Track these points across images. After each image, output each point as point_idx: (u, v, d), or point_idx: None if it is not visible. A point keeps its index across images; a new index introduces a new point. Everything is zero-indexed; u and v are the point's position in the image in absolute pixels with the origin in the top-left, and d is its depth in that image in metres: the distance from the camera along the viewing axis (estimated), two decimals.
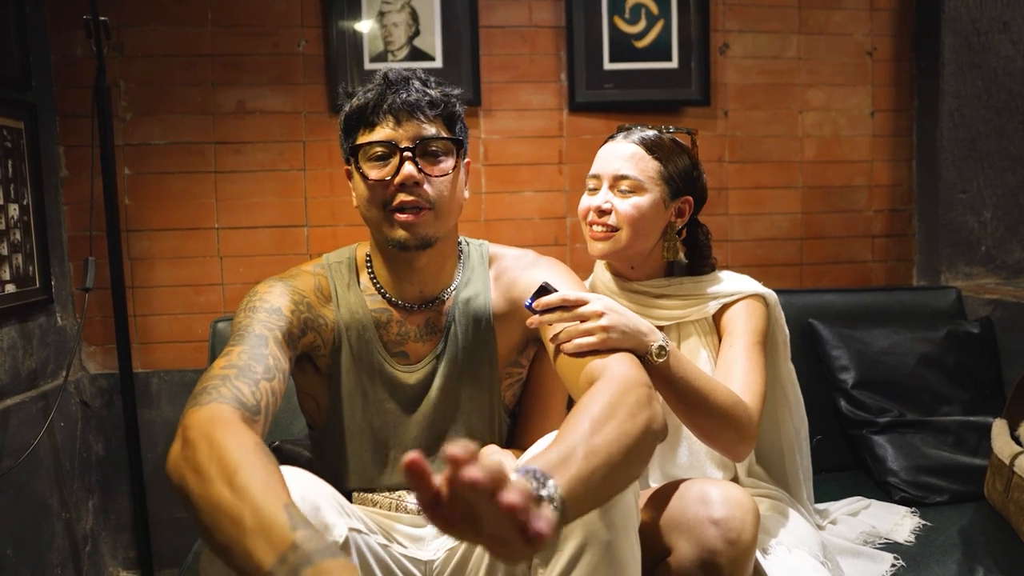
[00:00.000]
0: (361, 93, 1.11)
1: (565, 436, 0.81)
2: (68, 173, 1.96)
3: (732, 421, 1.13)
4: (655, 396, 0.95)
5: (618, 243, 1.29)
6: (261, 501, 0.74)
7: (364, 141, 1.09)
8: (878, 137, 2.25)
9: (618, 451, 0.83)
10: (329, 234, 2.07)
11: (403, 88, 1.09)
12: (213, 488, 0.77)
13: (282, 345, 1.04)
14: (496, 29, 2.09)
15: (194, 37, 1.99)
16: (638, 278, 1.35)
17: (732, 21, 2.16)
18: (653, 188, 1.29)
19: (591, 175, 1.34)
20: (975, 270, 2.16)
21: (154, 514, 1.85)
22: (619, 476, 0.84)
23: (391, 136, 1.08)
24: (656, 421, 0.91)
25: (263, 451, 0.82)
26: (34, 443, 1.65)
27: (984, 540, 1.44)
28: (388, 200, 1.08)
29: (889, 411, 1.73)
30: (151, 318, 2.02)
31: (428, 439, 1.17)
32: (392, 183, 1.07)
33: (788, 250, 2.24)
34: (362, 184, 1.10)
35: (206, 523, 0.77)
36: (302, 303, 1.13)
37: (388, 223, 1.09)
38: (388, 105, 1.07)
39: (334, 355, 1.15)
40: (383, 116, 1.08)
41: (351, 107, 1.11)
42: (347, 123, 1.13)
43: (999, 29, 2.10)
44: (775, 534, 1.22)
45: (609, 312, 1.05)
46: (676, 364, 1.10)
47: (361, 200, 1.12)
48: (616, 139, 1.33)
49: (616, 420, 0.85)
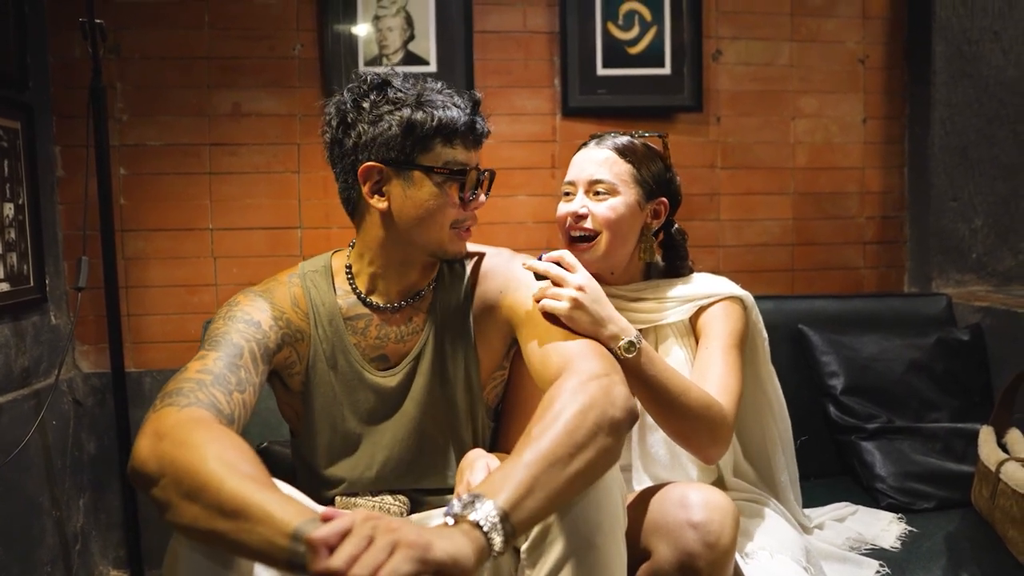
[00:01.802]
0: (444, 106, 1.08)
1: (517, 445, 0.86)
2: (64, 173, 1.98)
3: (706, 422, 1.13)
4: (615, 385, 0.95)
5: (597, 250, 1.30)
6: (268, 487, 0.78)
7: (451, 159, 1.10)
8: (870, 144, 2.26)
9: (563, 449, 0.85)
10: (322, 236, 2.08)
11: (480, 115, 1.13)
12: (209, 469, 0.79)
13: (256, 359, 1.05)
14: (490, 34, 2.10)
15: (190, 40, 2.00)
16: (616, 283, 1.36)
17: (725, 28, 2.17)
18: (627, 191, 1.31)
19: (566, 182, 1.35)
20: (966, 277, 2.17)
21: (144, 513, 1.86)
22: (570, 474, 0.85)
23: (474, 160, 1.13)
24: (613, 408, 0.91)
25: (252, 450, 0.84)
26: (25, 441, 1.65)
27: (970, 547, 1.45)
28: (459, 219, 1.13)
29: (878, 417, 1.73)
30: (144, 318, 2.03)
31: (412, 439, 1.17)
32: (469, 204, 1.13)
33: (779, 256, 2.25)
34: (438, 199, 1.10)
35: (197, 511, 0.78)
36: (281, 319, 1.13)
37: (451, 239, 1.13)
38: (479, 131, 1.12)
39: (309, 369, 1.16)
40: (473, 139, 1.12)
41: (434, 118, 1.07)
42: (423, 131, 1.08)
43: (990, 38, 2.12)
44: (757, 539, 1.22)
45: (587, 291, 1.08)
46: (648, 362, 1.11)
47: (424, 212, 1.10)
48: (589, 146, 1.35)
49: (560, 421, 0.87)
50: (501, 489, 0.80)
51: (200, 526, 0.79)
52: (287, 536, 0.73)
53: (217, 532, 0.77)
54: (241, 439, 0.86)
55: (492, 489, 0.80)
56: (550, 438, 0.85)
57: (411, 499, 1.18)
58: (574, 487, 0.87)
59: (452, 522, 0.77)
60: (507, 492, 0.80)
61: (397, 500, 1.16)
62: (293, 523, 0.73)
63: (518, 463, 0.83)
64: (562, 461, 0.84)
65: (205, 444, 0.82)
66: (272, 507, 0.75)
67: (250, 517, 0.75)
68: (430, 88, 1.11)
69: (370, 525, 0.71)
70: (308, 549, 0.70)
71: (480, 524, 0.76)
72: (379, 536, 0.70)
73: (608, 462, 0.92)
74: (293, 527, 0.73)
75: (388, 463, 1.16)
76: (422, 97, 1.09)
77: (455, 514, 0.77)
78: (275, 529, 0.74)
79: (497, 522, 0.77)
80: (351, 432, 1.17)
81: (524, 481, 0.81)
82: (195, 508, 0.79)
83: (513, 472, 0.82)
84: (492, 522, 0.77)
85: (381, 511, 1.15)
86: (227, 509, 0.76)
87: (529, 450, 0.84)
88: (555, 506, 0.86)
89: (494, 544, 0.76)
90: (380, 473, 1.16)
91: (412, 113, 1.07)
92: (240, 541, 0.76)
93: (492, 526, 0.77)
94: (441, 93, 1.11)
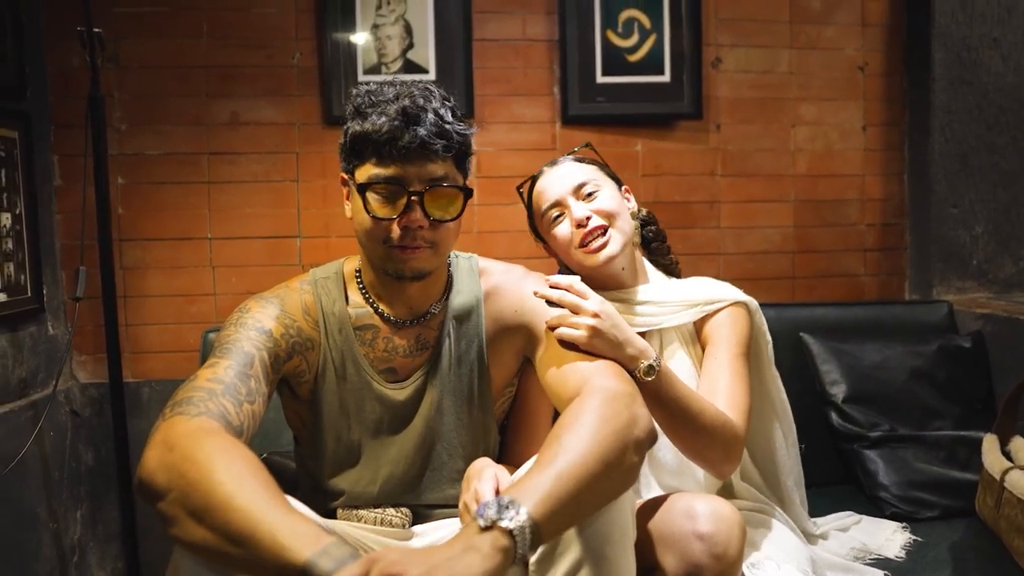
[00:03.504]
0: (374, 115, 1.02)
1: (541, 457, 0.85)
2: (62, 182, 1.97)
3: (720, 441, 1.13)
4: (636, 403, 0.95)
5: (616, 243, 1.29)
6: (278, 506, 0.75)
7: (372, 175, 1.03)
8: (870, 151, 2.26)
9: (594, 465, 0.84)
10: (322, 245, 2.07)
11: (419, 124, 1.01)
12: (218, 487, 0.77)
13: (267, 368, 1.04)
14: (490, 42, 2.10)
15: (189, 49, 2.00)
16: (625, 284, 1.36)
17: (724, 35, 2.17)
18: (606, 183, 1.35)
19: (549, 206, 1.32)
20: (967, 284, 2.16)
21: (142, 525, 1.84)
22: (598, 490, 0.85)
23: (400, 175, 1.03)
24: (637, 428, 0.91)
25: (261, 463, 0.83)
26: (23, 452, 1.64)
27: (975, 556, 1.44)
28: (389, 236, 1.05)
29: (880, 425, 1.73)
30: (142, 328, 2.01)
31: (418, 455, 1.16)
32: (396, 223, 1.04)
33: (780, 264, 2.24)
34: (364, 214, 1.05)
35: (205, 532, 0.76)
36: (292, 327, 1.12)
37: (385, 257, 1.07)
38: (403, 144, 1.01)
39: (319, 378, 1.14)
40: (396, 153, 1.02)
41: (362, 129, 1.03)
42: (354, 143, 1.06)
43: (989, 45, 2.12)
44: (763, 549, 1.21)
45: (604, 317, 1.07)
46: (668, 385, 1.10)
47: (360, 226, 1.08)
48: (547, 171, 1.36)
49: (591, 435, 0.86)
50: (535, 498, 0.79)
51: (207, 546, 0.77)
52: (297, 568, 0.71)
53: (224, 554, 0.76)
54: (251, 451, 0.85)
55: (525, 496, 0.79)
56: (582, 453, 0.84)
57: (414, 511, 1.17)
58: (598, 503, 0.87)
59: (483, 524, 0.76)
60: (540, 501, 0.79)
61: (399, 512, 1.15)
62: (304, 554, 0.71)
63: (549, 473, 0.82)
64: (594, 477, 0.84)
65: (214, 457, 0.80)
66: (282, 534, 0.73)
67: (259, 543, 0.73)
68: (378, 97, 1.04)
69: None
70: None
71: (512, 532, 0.75)
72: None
73: (631, 480, 0.92)
74: (304, 559, 0.71)
75: (392, 479, 1.15)
76: (360, 106, 1.05)
77: (489, 518, 0.76)
78: (284, 560, 0.71)
79: (527, 531, 0.76)
80: (356, 443, 1.16)
81: (556, 493, 0.80)
82: (202, 529, 0.77)
83: (545, 481, 0.81)
84: (523, 530, 0.76)
85: (383, 523, 1.14)
86: (235, 533, 0.74)
87: (561, 461, 0.83)
88: (577, 520, 0.86)
89: (519, 553, 0.76)
90: (383, 488, 1.15)
91: (350, 122, 1.07)
92: (248, 566, 0.75)
93: (522, 534, 0.76)
94: (382, 103, 1.03)
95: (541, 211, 1.34)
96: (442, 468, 1.17)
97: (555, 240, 1.33)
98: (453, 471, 1.16)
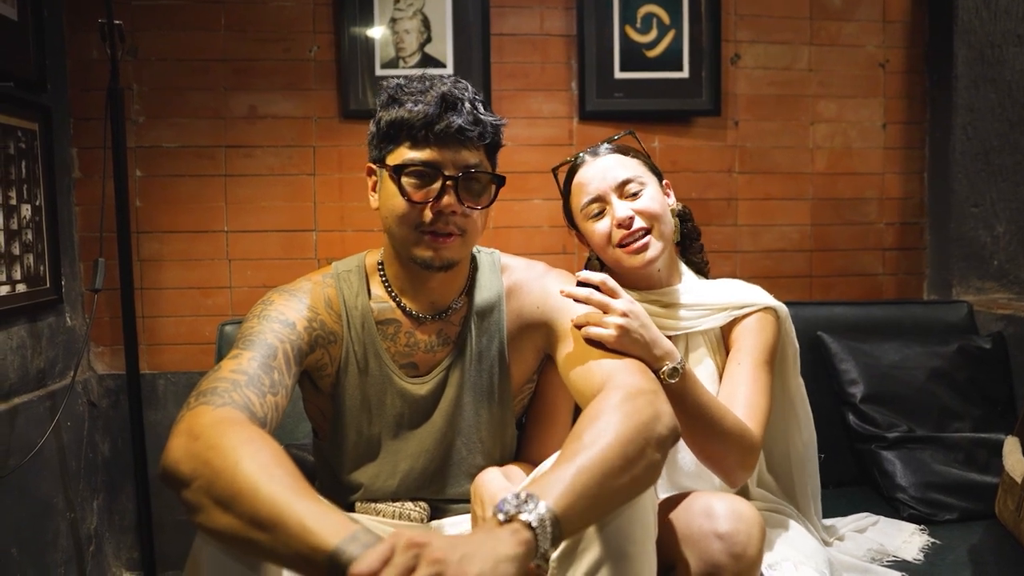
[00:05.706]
0: (411, 102, 1.04)
1: (562, 452, 0.84)
2: (81, 175, 1.98)
3: (737, 448, 1.13)
4: (659, 399, 0.94)
5: (656, 246, 1.26)
6: (304, 495, 0.75)
7: (408, 158, 1.05)
8: (890, 149, 2.23)
9: (616, 461, 0.83)
10: (337, 239, 2.07)
11: (456, 112, 1.04)
12: (244, 476, 0.76)
13: (290, 360, 1.03)
14: (507, 37, 2.09)
15: (207, 42, 2.00)
16: (659, 284, 1.33)
17: (743, 31, 2.15)
18: (650, 179, 1.30)
19: (590, 201, 1.28)
20: (987, 285, 2.14)
21: (158, 516, 1.85)
22: (619, 486, 0.84)
23: (436, 159, 1.04)
24: (660, 424, 0.90)
25: (286, 454, 0.82)
26: (41, 442, 1.65)
27: (994, 560, 1.42)
28: (422, 222, 1.06)
29: (898, 426, 1.71)
30: (159, 320, 2.02)
31: (437, 450, 1.16)
32: (429, 207, 1.05)
33: (797, 262, 2.22)
34: (398, 199, 1.05)
35: (231, 519, 0.76)
36: (315, 320, 1.11)
37: (416, 242, 1.07)
38: (439, 128, 1.03)
39: (340, 372, 1.14)
40: (433, 138, 1.03)
41: (398, 115, 1.05)
42: (389, 129, 1.07)
43: (1013, 42, 2.09)
44: (781, 550, 1.20)
45: (632, 316, 1.05)
46: (691, 388, 1.09)
47: (391, 212, 1.07)
48: (589, 161, 1.31)
49: (613, 431, 0.85)
50: (554, 492, 0.78)
51: (233, 534, 0.77)
52: (326, 554, 0.70)
53: (251, 541, 0.75)
54: (276, 442, 0.85)
55: (545, 491, 0.79)
56: (603, 448, 0.84)
57: (432, 506, 1.17)
58: (620, 499, 0.86)
59: (503, 518, 0.75)
60: (560, 496, 0.78)
61: (418, 506, 1.15)
62: (332, 541, 0.70)
63: (570, 468, 0.81)
64: (614, 472, 0.83)
65: (239, 447, 0.80)
66: (310, 521, 0.72)
67: (286, 530, 0.73)
68: (413, 86, 1.06)
69: (412, 555, 0.69)
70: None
71: (532, 525, 0.75)
72: (421, 568, 0.68)
73: (653, 478, 0.91)
74: (333, 545, 0.70)
75: (411, 473, 1.15)
76: (396, 94, 1.07)
77: (508, 512, 0.76)
78: (312, 545, 0.71)
79: (548, 525, 0.76)
80: (376, 437, 1.16)
81: (577, 487, 0.80)
82: (228, 516, 0.77)
83: (565, 476, 0.80)
84: (544, 524, 0.75)
85: (401, 517, 1.14)
86: (262, 519, 0.74)
87: (583, 456, 0.82)
88: (598, 517, 0.85)
89: (541, 547, 0.75)
90: (402, 482, 1.15)
91: (383, 111, 1.08)
92: (275, 552, 0.74)
93: (543, 528, 0.75)
94: (418, 91, 1.05)
95: (580, 204, 1.30)
96: (461, 463, 1.17)
97: (593, 234, 1.29)
98: (472, 466, 1.16)
